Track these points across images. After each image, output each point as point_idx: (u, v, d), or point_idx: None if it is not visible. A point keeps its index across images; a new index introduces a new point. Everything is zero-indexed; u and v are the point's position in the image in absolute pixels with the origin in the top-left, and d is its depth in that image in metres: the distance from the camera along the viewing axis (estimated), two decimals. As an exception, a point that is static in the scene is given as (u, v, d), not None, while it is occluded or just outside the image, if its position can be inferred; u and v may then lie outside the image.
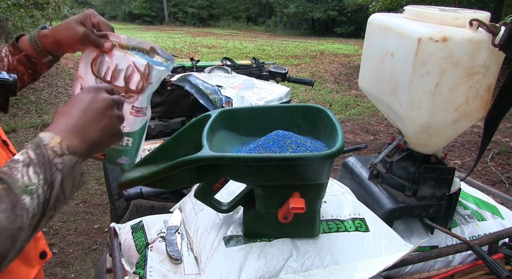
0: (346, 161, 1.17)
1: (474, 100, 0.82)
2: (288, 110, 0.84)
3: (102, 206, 2.94)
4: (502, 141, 4.23)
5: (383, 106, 0.96)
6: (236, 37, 15.34)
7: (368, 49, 0.98)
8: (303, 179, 0.67)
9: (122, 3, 26.24)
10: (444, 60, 0.76)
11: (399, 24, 0.84)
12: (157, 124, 1.82)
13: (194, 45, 12.30)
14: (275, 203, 0.72)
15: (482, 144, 0.96)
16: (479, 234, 0.97)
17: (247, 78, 1.69)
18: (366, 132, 4.68)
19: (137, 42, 0.72)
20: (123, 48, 0.71)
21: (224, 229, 0.80)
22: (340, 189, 0.98)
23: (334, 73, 8.27)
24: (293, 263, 0.74)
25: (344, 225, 0.82)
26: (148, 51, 0.72)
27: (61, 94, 6.23)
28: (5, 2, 5.87)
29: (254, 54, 9.49)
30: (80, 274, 2.24)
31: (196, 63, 2.12)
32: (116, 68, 0.70)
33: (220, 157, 0.63)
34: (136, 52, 0.71)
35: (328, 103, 5.99)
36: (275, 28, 21.31)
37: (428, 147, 0.95)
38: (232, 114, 0.83)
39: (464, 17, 0.77)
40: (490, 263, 0.78)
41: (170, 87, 1.78)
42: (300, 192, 0.69)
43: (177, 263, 0.82)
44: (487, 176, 3.41)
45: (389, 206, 0.92)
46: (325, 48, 11.86)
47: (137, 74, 0.69)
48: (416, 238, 0.95)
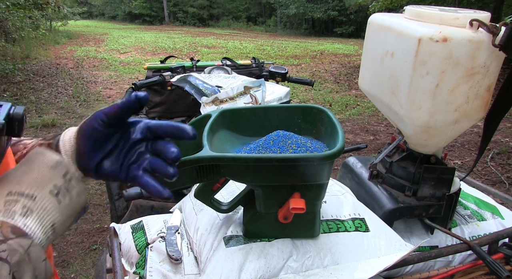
0: (346, 161, 1.17)
1: (474, 100, 0.82)
2: (288, 110, 0.83)
3: (102, 206, 2.94)
4: (502, 140, 4.23)
5: (383, 106, 0.96)
6: (236, 37, 15.34)
7: (368, 49, 0.98)
8: (303, 179, 0.67)
9: (122, 3, 26.24)
10: (444, 61, 0.76)
11: (399, 24, 0.84)
12: (157, 124, 1.82)
13: (194, 45, 12.30)
14: (275, 203, 0.72)
15: (482, 143, 0.96)
16: (479, 234, 0.97)
17: (247, 78, 1.69)
18: (366, 132, 4.68)
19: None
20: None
21: (224, 229, 0.80)
22: (340, 189, 0.98)
23: (334, 73, 8.27)
24: (293, 263, 0.74)
25: (344, 225, 0.82)
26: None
27: (61, 94, 6.23)
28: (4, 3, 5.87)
29: (254, 54, 9.49)
30: (80, 274, 2.24)
31: (196, 63, 2.12)
32: None
33: (221, 157, 0.63)
34: None
35: (328, 103, 5.99)
36: (275, 28, 21.31)
37: (428, 147, 0.95)
38: (232, 114, 0.82)
39: (464, 17, 0.77)
40: (490, 263, 0.78)
41: (170, 87, 1.78)
42: (301, 192, 0.69)
43: (177, 263, 0.82)
44: (487, 176, 3.41)
45: (389, 206, 0.92)
46: (325, 48, 11.86)
47: None
48: (416, 238, 0.95)
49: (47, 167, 0.48)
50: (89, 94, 6.31)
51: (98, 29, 18.62)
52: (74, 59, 9.51)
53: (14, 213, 0.44)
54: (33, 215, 0.45)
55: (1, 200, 0.45)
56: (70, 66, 8.66)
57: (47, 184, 0.47)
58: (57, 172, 0.49)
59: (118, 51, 10.97)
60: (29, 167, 0.48)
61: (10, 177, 0.47)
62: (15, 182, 0.47)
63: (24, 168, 0.48)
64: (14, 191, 0.46)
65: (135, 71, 8.19)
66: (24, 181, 0.47)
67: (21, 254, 0.40)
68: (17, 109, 0.49)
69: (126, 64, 9.01)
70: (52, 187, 0.47)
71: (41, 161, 0.49)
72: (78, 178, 0.51)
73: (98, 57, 9.98)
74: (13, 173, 0.48)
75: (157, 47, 11.59)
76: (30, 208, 0.45)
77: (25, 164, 0.49)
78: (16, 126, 0.48)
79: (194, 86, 1.52)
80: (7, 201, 0.45)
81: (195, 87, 1.51)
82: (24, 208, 0.45)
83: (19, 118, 0.48)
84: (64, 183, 0.49)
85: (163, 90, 1.81)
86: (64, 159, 0.51)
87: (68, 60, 9.28)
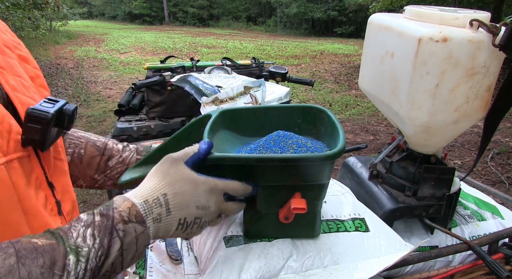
0: (346, 161, 1.17)
1: (474, 100, 0.82)
2: (288, 110, 0.83)
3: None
4: (502, 140, 4.23)
5: (383, 107, 0.96)
6: (236, 37, 15.34)
7: (368, 49, 0.98)
8: (304, 179, 0.67)
9: (122, 3, 26.26)
10: (444, 61, 0.76)
11: (399, 24, 0.84)
12: (157, 124, 1.83)
13: (194, 45, 12.30)
14: (276, 203, 0.71)
15: (482, 143, 0.96)
16: (479, 234, 0.97)
17: (247, 78, 1.69)
18: (366, 132, 4.68)
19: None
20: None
21: (224, 229, 0.80)
22: (340, 189, 0.98)
23: (334, 73, 8.28)
24: (293, 263, 0.74)
25: (344, 225, 0.82)
26: None
27: (61, 94, 6.24)
28: (3, 3, 5.87)
29: (254, 54, 9.50)
30: (80, 274, 2.24)
31: (196, 63, 2.13)
32: None
33: (223, 157, 0.63)
34: None
35: (328, 103, 5.99)
36: (275, 28, 21.32)
37: (428, 147, 0.95)
38: (232, 114, 0.82)
39: (464, 17, 0.77)
40: (490, 263, 0.78)
41: (170, 87, 1.78)
42: (302, 192, 0.69)
43: (177, 263, 0.82)
44: (487, 176, 3.41)
45: (389, 206, 0.92)
46: (325, 48, 11.86)
47: None
48: (416, 238, 0.95)
49: (196, 192, 0.57)
50: (89, 94, 6.31)
51: (98, 29, 18.63)
52: (74, 59, 9.51)
53: (151, 212, 0.52)
54: (159, 223, 0.53)
55: (156, 193, 0.53)
56: (70, 66, 8.67)
57: (186, 208, 0.56)
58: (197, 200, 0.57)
59: (118, 51, 10.97)
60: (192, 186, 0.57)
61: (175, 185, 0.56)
62: (173, 190, 0.55)
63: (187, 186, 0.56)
64: (168, 197, 0.54)
65: (135, 71, 8.19)
66: (178, 195, 0.55)
67: (132, 238, 0.49)
68: (69, 106, 0.55)
69: (126, 64, 9.01)
70: (185, 215, 0.55)
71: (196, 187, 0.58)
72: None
73: (98, 57, 9.98)
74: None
75: (157, 47, 11.59)
76: (162, 218, 0.53)
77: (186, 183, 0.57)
78: (66, 121, 0.55)
79: (194, 86, 1.52)
80: (156, 199, 0.53)
81: (195, 87, 1.51)
82: (159, 215, 0.53)
83: (69, 114, 0.55)
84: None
85: (163, 90, 1.82)
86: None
87: (68, 60, 9.29)
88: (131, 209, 0.50)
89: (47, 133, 0.52)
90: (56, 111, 0.52)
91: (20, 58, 0.63)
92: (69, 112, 0.55)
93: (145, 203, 0.52)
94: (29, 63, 0.65)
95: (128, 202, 0.50)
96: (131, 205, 0.50)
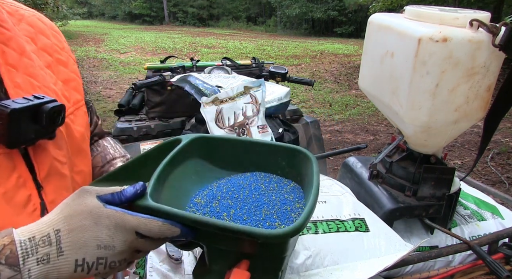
0: (346, 161, 1.17)
1: (474, 100, 0.82)
2: (272, 149, 0.71)
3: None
4: (502, 140, 4.23)
5: (383, 106, 0.96)
6: (236, 37, 15.34)
7: (368, 49, 0.98)
8: (255, 250, 0.53)
9: (122, 3, 26.25)
10: (444, 61, 0.76)
11: (399, 24, 0.84)
12: (157, 124, 1.83)
13: (194, 45, 12.30)
14: (225, 263, 0.57)
15: (482, 143, 0.96)
16: (479, 234, 0.97)
17: (247, 78, 1.69)
18: (366, 132, 4.68)
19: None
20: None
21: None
22: (340, 189, 0.98)
23: (334, 73, 8.28)
24: (293, 263, 0.74)
25: (344, 225, 0.82)
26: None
27: (61, 94, 6.23)
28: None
29: (254, 54, 9.49)
30: (80, 274, 2.24)
31: (196, 63, 2.13)
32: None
33: (156, 209, 0.52)
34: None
35: (328, 103, 5.99)
36: (275, 28, 21.31)
37: (428, 147, 0.95)
38: (207, 143, 0.71)
39: (464, 17, 0.77)
40: (490, 263, 0.78)
41: (170, 87, 1.78)
42: (251, 261, 0.54)
43: (177, 263, 0.82)
44: (487, 176, 3.41)
45: (389, 206, 0.92)
46: (325, 48, 11.86)
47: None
48: (416, 238, 0.95)
49: (97, 228, 0.47)
50: (89, 94, 6.31)
51: (98, 29, 18.63)
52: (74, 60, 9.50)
53: (35, 252, 0.44)
54: (47, 265, 0.44)
55: (47, 229, 0.45)
56: (70, 66, 8.66)
57: (84, 248, 0.46)
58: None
59: (118, 51, 10.97)
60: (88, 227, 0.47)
61: (62, 218, 0.47)
62: (68, 226, 0.46)
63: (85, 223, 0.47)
64: (61, 234, 0.45)
65: (135, 71, 8.19)
66: (73, 231, 0.46)
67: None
68: (50, 104, 0.53)
69: (126, 64, 9.01)
70: (83, 255, 0.46)
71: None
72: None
73: (98, 57, 9.99)
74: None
75: (157, 47, 11.59)
76: (51, 259, 0.44)
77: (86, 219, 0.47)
78: (43, 118, 0.53)
79: (194, 86, 1.52)
80: (46, 236, 0.45)
81: (195, 87, 1.51)
82: (47, 255, 0.44)
83: (46, 112, 0.53)
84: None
85: (163, 90, 1.81)
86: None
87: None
88: (6, 247, 0.42)
89: (11, 129, 0.49)
90: (22, 108, 0.49)
91: (58, 61, 0.68)
92: (46, 110, 0.51)
93: (29, 241, 0.43)
94: (67, 67, 0.70)
95: (7, 238, 0.43)
96: (8, 242, 0.42)
